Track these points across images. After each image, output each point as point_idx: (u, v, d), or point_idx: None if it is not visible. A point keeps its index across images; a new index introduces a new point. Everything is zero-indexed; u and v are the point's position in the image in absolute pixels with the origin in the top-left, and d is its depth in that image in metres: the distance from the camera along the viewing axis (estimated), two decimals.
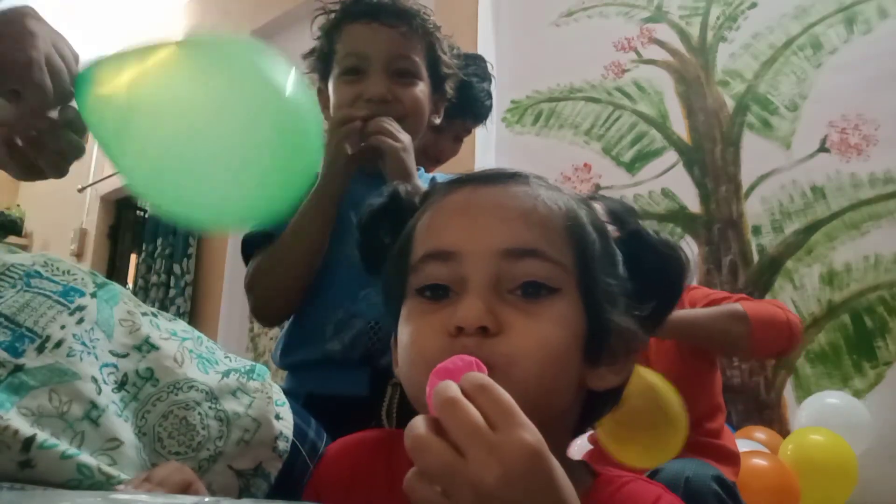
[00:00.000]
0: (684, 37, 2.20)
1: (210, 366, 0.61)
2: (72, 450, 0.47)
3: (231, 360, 0.64)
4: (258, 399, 0.62)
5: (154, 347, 0.57)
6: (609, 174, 2.23)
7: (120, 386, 0.54)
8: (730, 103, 2.06)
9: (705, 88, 2.12)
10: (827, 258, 1.79)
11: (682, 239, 2.05)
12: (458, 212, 0.52)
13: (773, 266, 1.88)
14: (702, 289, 1.41)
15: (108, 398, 0.52)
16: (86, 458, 0.47)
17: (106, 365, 0.54)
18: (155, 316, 0.61)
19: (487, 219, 0.50)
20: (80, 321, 0.53)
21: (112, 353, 0.55)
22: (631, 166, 2.20)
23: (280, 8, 3.48)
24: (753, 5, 2.08)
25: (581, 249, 0.51)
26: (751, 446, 1.54)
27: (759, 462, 1.44)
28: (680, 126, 2.14)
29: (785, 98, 1.96)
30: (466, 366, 0.43)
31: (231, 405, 0.59)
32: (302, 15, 3.48)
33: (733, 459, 1.33)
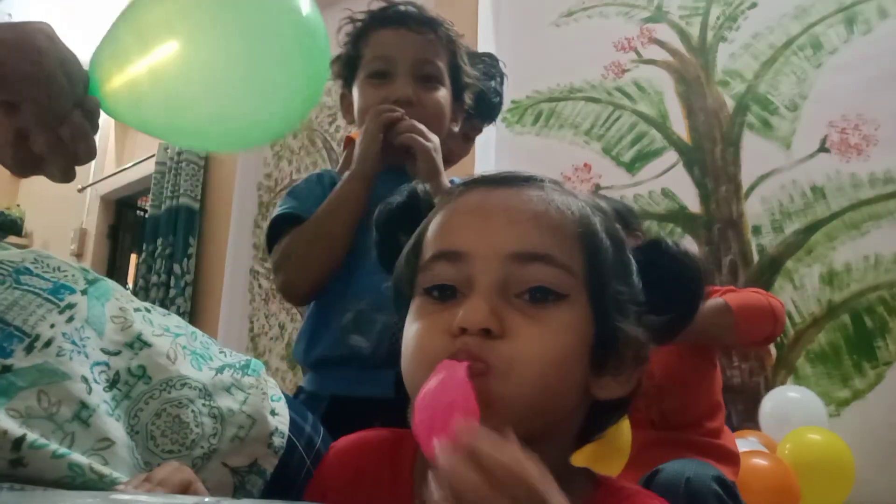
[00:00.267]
0: (684, 37, 2.19)
1: (204, 362, 0.60)
2: (62, 449, 0.46)
3: (226, 356, 0.64)
4: (253, 395, 0.61)
5: (146, 344, 0.57)
6: (609, 174, 2.23)
7: (112, 384, 0.54)
8: (730, 103, 2.05)
9: (705, 88, 2.11)
10: (827, 258, 1.79)
11: (681, 239, 2.05)
12: (470, 213, 0.52)
13: (773, 266, 1.87)
14: None
15: (100, 397, 0.51)
16: (77, 458, 0.46)
17: (97, 363, 0.53)
18: (148, 311, 0.60)
19: (498, 221, 0.50)
20: (71, 319, 0.53)
21: (103, 350, 0.54)
22: (631, 166, 2.20)
23: None
24: (753, 5, 2.07)
25: (592, 256, 0.50)
26: (750, 446, 1.53)
27: (759, 462, 1.44)
28: (680, 126, 2.14)
29: (785, 98, 1.96)
30: (458, 374, 0.43)
31: (225, 402, 0.59)
32: None
33: (733, 459, 1.32)
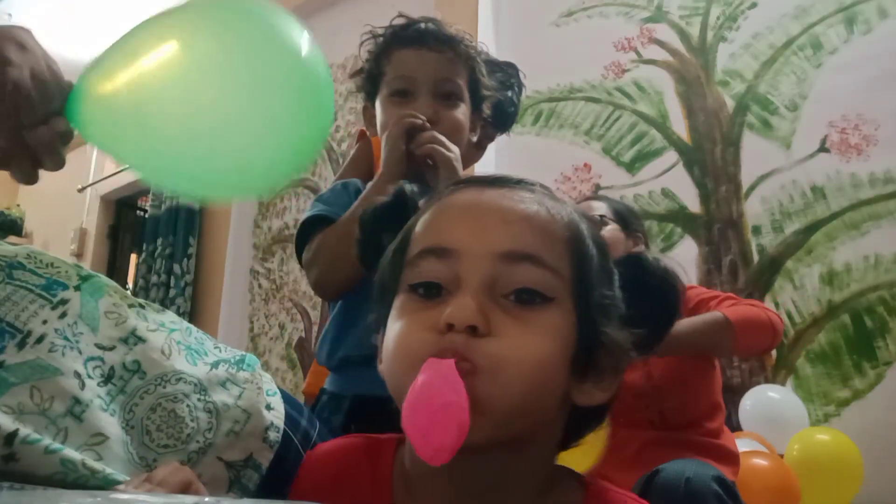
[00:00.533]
0: (684, 37, 2.19)
1: (199, 357, 0.60)
2: (55, 444, 0.46)
3: (221, 351, 0.64)
4: (248, 390, 0.61)
5: (141, 340, 0.57)
6: (609, 174, 2.23)
7: (106, 379, 0.53)
8: (730, 103, 2.05)
9: (705, 88, 2.11)
10: (827, 258, 1.79)
11: (681, 239, 2.04)
12: (460, 210, 0.52)
13: (773, 266, 1.87)
14: (695, 289, 1.40)
15: (93, 392, 0.51)
16: (70, 453, 0.46)
17: (91, 359, 0.53)
18: (142, 307, 0.60)
19: (489, 219, 0.50)
20: (63, 315, 0.53)
21: (98, 346, 0.54)
22: (631, 166, 2.20)
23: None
24: (753, 5, 2.07)
25: (579, 261, 0.51)
26: (751, 446, 1.53)
27: (760, 462, 1.44)
28: (680, 126, 2.14)
29: (785, 98, 1.96)
30: (448, 373, 0.43)
31: (220, 396, 0.59)
32: (301, 15, 3.48)
33: (733, 459, 1.32)
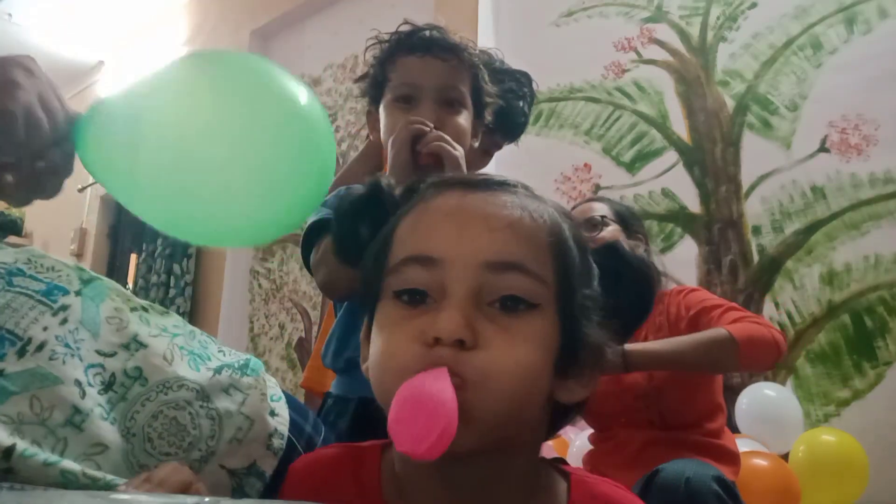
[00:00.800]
0: (684, 37, 2.19)
1: (202, 362, 0.60)
2: (53, 457, 0.46)
3: (224, 355, 0.63)
4: (252, 396, 0.61)
5: (142, 345, 0.56)
6: (609, 174, 2.23)
7: (107, 387, 0.53)
8: (730, 103, 2.05)
9: (705, 88, 2.11)
10: (827, 258, 1.79)
11: (681, 239, 2.04)
12: (445, 217, 0.52)
13: (773, 266, 1.87)
14: (699, 293, 1.39)
15: (94, 401, 0.51)
16: (69, 464, 0.46)
17: (92, 366, 0.53)
18: (146, 311, 0.60)
19: (474, 228, 0.50)
20: (64, 321, 0.52)
21: (98, 352, 0.54)
22: (631, 166, 2.20)
23: (280, 8, 3.48)
24: (753, 5, 2.07)
25: (563, 266, 0.51)
26: (751, 446, 1.53)
27: (760, 462, 1.44)
28: (680, 126, 2.14)
29: (785, 98, 1.96)
30: (439, 378, 0.44)
31: (223, 403, 0.58)
32: (302, 15, 3.48)
33: (733, 459, 1.32)
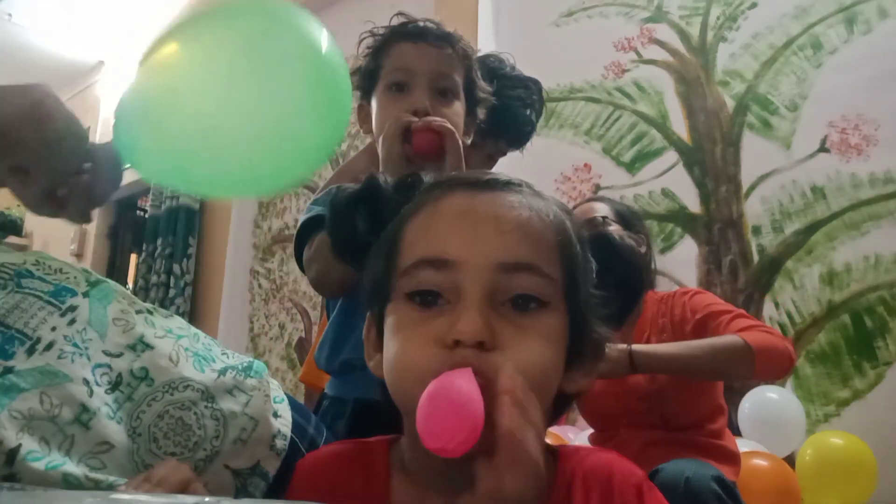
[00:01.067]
0: (684, 37, 2.19)
1: (206, 364, 0.60)
2: (55, 461, 0.46)
3: (228, 357, 0.64)
4: (255, 397, 0.61)
5: (149, 347, 0.57)
6: (609, 174, 2.23)
7: (114, 386, 0.54)
8: (730, 103, 2.05)
9: (705, 88, 2.11)
10: (827, 258, 1.79)
11: (681, 239, 2.05)
12: (456, 219, 0.52)
13: (773, 266, 1.87)
14: (704, 296, 1.38)
15: (101, 400, 0.51)
16: (71, 468, 0.46)
17: (99, 365, 0.53)
18: (150, 313, 0.60)
19: (486, 230, 0.51)
20: (72, 322, 0.53)
21: (105, 353, 0.54)
22: (631, 166, 2.20)
23: None
24: (753, 5, 2.07)
25: (569, 264, 0.53)
26: (752, 446, 1.53)
27: (760, 462, 1.44)
28: (680, 126, 2.14)
29: (785, 98, 1.96)
30: (466, 377, 0.44)
31: (228, 404, 0.59)
32: None
33: (734, 460, 1.33)
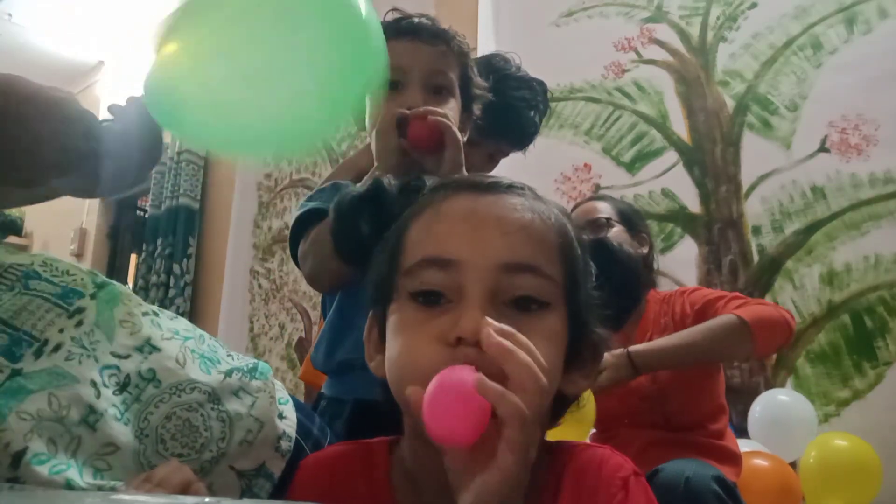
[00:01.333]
0: (684, 37, 2.19)
1: (212, 365, 0.61)
2: (60, 465, 0.46)
3: (234, 359, 0.64)
4: (261, 399, 0.62)
5: (156, 349, 0.57)
6: (609, 174, 2.23)
7: (122, 388, 0.54)
8: (730, 103, 2.05)
9: (705, 88, 2.12)
10: (827, 258, 1.79)
11: (681, 239, 2.05)
12: (460, 220, 0.53)
13: (773, 266, 1.88)
14: (701, 290, 1.41)
15: (108, 401, 0.52)
16: (73, 474, 0.46)
17: (107, 367, 0.53)
18: (156, 315, 0.61)
19: (489, 230, 0.52)
20: (80, 324, 0.53)
21: (113, 354, 0.55)
22: (631, 166, 2.20)
23: None
24: (753, 5, 2.07)
25: (570, 266, 0.54)
26: (753, 447, 1.54)
27: (761, 463, 1.44)
28: (680, 126, 2.14)
29: (785, 98, 1.96)
30: (468, 372, 0.45)
31: (233, 406, 0.59)
32: None
33: (735, 460, 1.33)
